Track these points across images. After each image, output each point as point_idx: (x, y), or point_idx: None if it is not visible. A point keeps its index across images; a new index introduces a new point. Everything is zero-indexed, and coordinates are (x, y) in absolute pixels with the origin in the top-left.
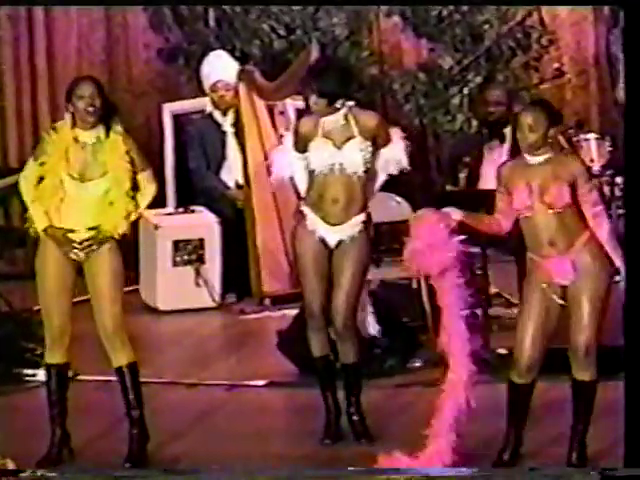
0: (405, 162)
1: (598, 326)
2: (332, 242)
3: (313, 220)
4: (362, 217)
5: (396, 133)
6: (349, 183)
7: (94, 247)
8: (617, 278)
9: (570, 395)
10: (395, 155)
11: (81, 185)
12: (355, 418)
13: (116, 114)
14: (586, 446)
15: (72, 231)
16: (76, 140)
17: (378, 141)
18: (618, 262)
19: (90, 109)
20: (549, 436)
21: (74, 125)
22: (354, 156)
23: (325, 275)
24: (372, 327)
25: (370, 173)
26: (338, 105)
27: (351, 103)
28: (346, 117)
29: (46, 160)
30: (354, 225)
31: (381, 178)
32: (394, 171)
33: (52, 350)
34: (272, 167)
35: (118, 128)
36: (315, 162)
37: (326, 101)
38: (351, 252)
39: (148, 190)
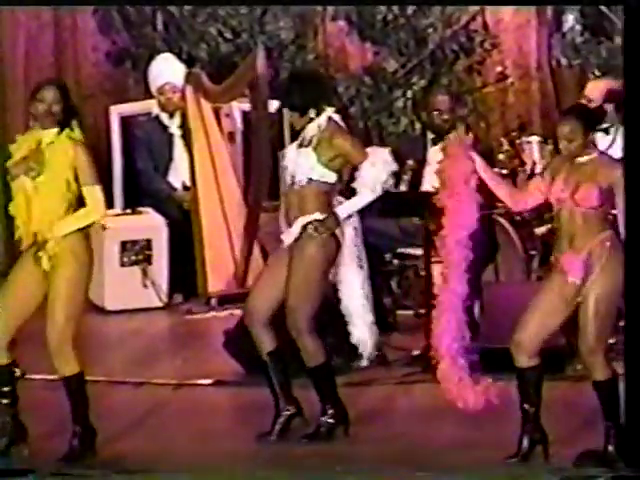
0: (379, 184)
1: (605, 328)
2: (286, 243)
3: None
4: (305, 220)
5: (378, 153)
6: (300, 190)
7: (40, 253)
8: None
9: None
10: (372, 176)
11: (31, 185)
12: (330, 419)
13: (74, 118)
14: (623, 441)
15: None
16: (38, 141)
17: (348, 158)
18: None
19: (48, 117)
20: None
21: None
22: (301, 164)
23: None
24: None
25: (324, 187)
26: (312, 115)
27: (331, 115)
28: (320, 128)
29: (9, 164)
30: (296, 226)
31: (361, 196)
32: (373, 191)
33: None
34: None
35: (74, 133)
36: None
37: (298, 114)
38: (296, 255)
39: (94, 211)
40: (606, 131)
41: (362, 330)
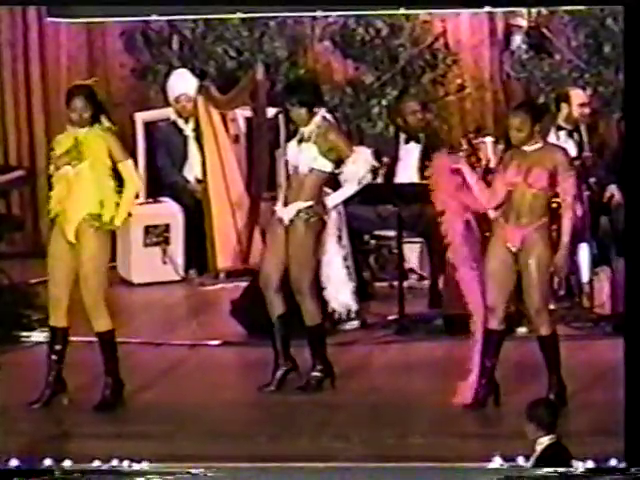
0: (360, 179)
1: (547, 291)
2: (285, 220)
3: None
4: (300, 205)
5: (361, 152)
6: (299, 178)
7: (84, 229)
8: None
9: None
10: (353, 171)
11: (73, 172)
12: (318, 374)
13: (103, 113)
14: (565, 388)
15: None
16: (75, 137)
17: (338, 151)
18: (564, 239)
19: (80, 120)
20: None
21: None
22: (304, 156)
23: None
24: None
25: (322, 175)
26: (315, 110)
27: (324, 114)
28: (317, 125)
29: (53, 156)
30: (292, 208)
31: (345, 188)
32: (354, 184)
33: (51, 314)
34: None
35: (104, 124)
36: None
37: (305, 109)
38: (291, 235)
39: (131, 183)
40: (570, 134)
41: (346, 296)
